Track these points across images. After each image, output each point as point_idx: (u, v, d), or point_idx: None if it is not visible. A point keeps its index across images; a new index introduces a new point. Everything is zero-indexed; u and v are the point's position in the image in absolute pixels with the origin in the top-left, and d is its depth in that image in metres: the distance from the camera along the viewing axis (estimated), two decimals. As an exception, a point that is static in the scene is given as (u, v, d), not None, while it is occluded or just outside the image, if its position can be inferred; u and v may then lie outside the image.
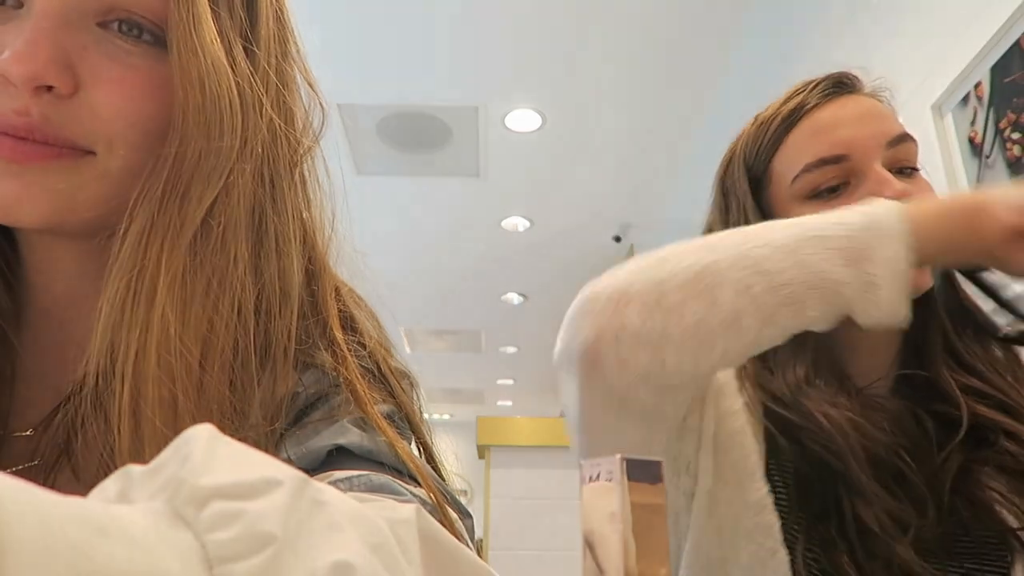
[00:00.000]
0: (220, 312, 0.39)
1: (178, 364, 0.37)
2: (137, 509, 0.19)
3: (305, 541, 0.20)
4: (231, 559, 0.18)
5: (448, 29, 2.53)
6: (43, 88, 0.38)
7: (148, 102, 0.41)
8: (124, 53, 0.41)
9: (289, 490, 0.21)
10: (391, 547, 0.23)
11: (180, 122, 0.40)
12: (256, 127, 0.43)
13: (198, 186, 0.40)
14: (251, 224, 0.42)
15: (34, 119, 0.38)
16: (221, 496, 0.19)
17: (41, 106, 0.38)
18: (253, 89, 0.43)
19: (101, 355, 0.38)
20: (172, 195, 0.39)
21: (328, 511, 0.21)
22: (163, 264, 0.38)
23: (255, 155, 0.43)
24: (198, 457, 0.20)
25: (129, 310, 0.37)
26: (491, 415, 6.99)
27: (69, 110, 0.39)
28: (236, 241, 0.41)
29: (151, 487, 0.20)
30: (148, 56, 0.41)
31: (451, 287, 4.91)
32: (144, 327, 0.37)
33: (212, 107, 0.40)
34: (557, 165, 3.31)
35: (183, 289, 0.38)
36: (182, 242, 0.39)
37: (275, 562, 0.19)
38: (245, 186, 0.42)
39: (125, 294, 0.38)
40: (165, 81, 0.41)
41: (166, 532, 0.18)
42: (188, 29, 0.40)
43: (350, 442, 0.40)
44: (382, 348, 0.49)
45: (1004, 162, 1.41)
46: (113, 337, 0.38)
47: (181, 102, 0.40)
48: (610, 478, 0.26)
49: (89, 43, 0.40)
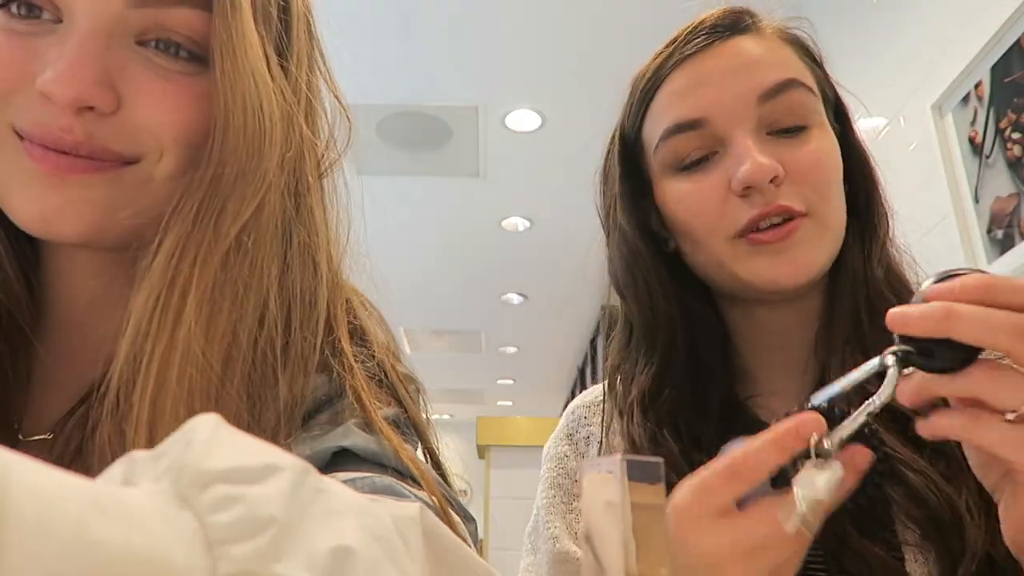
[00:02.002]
0: (245, 326, 0.39)
1: (199, 380, 0.37)
2: (139, 490, 0.19)
3: (305, 526, 0.20)
4: (231, 541, 0.18)
5: (448, 29, 2.53)
6: (85, 108, 0.38)
7: (189, 113, 0.41)
8: (164, 70, 0.41)
9: (291, 476, 0.21)
10: (394, 541, 0.23)
11: (221, 140, 0.40)
12: (290, 143, 0.43)
13: (235, 204, 0.40)
14: (279, 237, 0.43)
15: (78, 135, 0.39)
16: (223, 480, 0.19)
17: (84, 124, 0.39)
18: (290, 105, 0.44)
19: (125, 364, 0.38)
20: (209, 212, 0.39)
21: (329, 499, 0.22)
22: (194, 279, 0.38)
23: (288, 172, 0.43)
24: (202, 443, 0.20)
25: (156, 323, 0.38)
26: (491, 415, 7.00)
27: (113, 126, 0.40)
28: (265, 255, 0.41)
29: (155, 471, 0.20)
30: (190, 72, 0.42)
31: (451, 287, 4.91)
32: (169, 342, 0.37)
33: (254, 128, 0.41)
34: (557, 165, 3.31)
35: (211, 305, 0.38)
36: (215, 258, 0.39)
37: (275, 544, 0.19)
38: (276, 201, 0.42)
39: (154, 307, 0.38)
40: (204, 93, 0.41)
41: (167, 513, 0.18)
42: (232, 48, 0.40)
43: (355, 444, 0.40)
44: (390, 354, 0.49)
45: (1004, 162, 1.41)
46: (138, 349, 0.38)
47: (223, 120, 0.40)
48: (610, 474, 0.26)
49: (128, 60, 0.40)
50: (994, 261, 1.44)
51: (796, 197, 0.59)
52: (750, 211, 0.59)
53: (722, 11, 0.65)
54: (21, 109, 0.39)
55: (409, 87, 2.83)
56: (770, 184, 0.58)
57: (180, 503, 0.19)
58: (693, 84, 0.63)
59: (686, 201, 0.63)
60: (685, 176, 0.63)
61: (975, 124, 1.50)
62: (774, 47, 0.64)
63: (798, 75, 0.62)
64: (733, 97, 0.61)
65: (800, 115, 0.61)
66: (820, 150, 0.61)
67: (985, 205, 1.47)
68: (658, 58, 0.66)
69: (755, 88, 0.60)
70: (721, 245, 0.61)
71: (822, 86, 0.66)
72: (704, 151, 0.62)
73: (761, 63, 0.62)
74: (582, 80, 2.69)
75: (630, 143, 0.69)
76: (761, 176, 0.58)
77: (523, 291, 5.00)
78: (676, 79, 0.64)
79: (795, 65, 0.64)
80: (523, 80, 2.78)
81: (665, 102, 0.64)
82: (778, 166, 0.58)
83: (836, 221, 0.62)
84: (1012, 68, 1.40)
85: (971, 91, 1.51)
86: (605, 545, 0.25)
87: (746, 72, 0.61)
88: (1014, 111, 1.39)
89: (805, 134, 0.61)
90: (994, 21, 1.42)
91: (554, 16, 2.45)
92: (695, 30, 0.65)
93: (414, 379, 0.50)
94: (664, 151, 0.64)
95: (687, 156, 0.63)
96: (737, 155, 0.59)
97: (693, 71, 0.63)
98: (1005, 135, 1.41)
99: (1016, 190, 1.38)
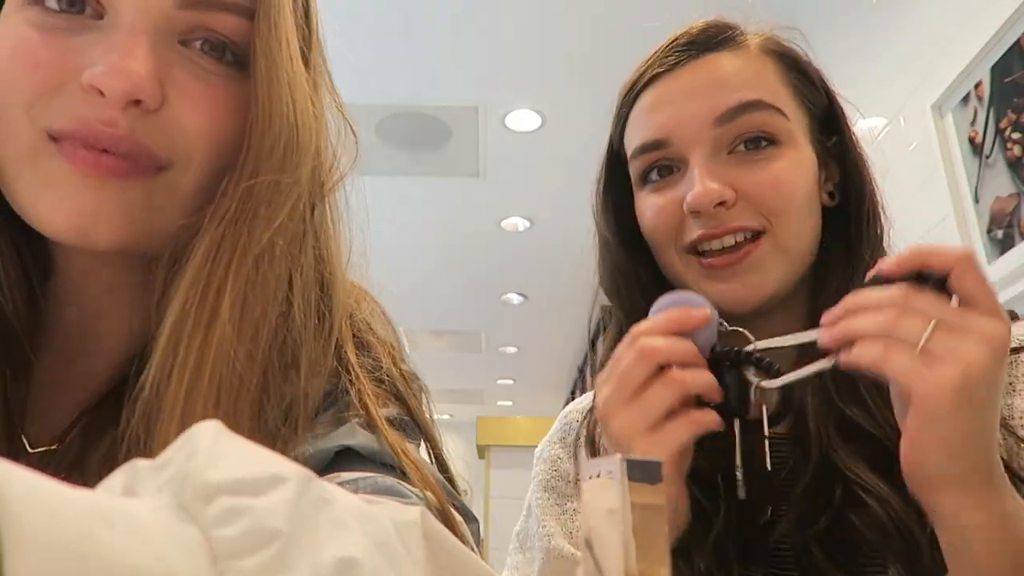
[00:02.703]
0: (270, 327, 0.40)
1: (228, 378, 0.37)
2: (144, 503, 0.19)
3: (310, 537, 0.20)
4: (237, 555, 0.18)
5: (448, 29, 2.53)
6: (133, 102, 0.38)
7: (228, 121, 0.41)
8: (205, 72, 0.41)
9: (295, 487, 0.21)
10: (395, 546, 0.23)
11: (258, 148, 0.40)
12: (319, 153, 0.44)
13: (270, 209, 0.40)
14: (302, 243, 0.43)
15: (121, 130, 0.38)
16: (227, 492, 0.19)
17: (129, 119, 0.38)
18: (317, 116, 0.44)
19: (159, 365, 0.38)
20: (244, 216, 0.40)
21: (333, 508, 0.21)
22: (229, 280, 0.39)
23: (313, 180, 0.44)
24: (204, 452, 0.20)
25: (192, 322, 0.38)
26: (491, 415, 7.01)
27: (155, 124, 0.39)
28: (291, 260, 0.42)
29: (157, 481, 0.20)
30: (228, 76, 0.42)
31: (451, 287, 4.91)
32: (204, 341, 0.37)
33: (290, 137, 0.41)
34: (557, 165, 3.31)
35: (243, 306, 0.39)
36: (248, 260, 0.39)
37: (280, 558, 0.19)
38: (301, 206, 0.43)
39: (192, 307, 0.38)
40: (244, 102, 0.41)
41: (172, 527, 0.18)
42: (274, 56, 0.41)
43: (358, 443, 0.40)
44: (394, 353, 0.50)
45: (1004, 162, 1.41)
46: (172, 349, 0.38)
47: (261, 127, 0.40)
48: (610, 477, 0.26)
49: (174, 60, 0.40)
50: (994, 261, 1.44)
51: (752, 216, 0.61)
52: (697, 231, 0.61)
53: (703, 25, 0.66)
54: (60, 109, 0.38)
55: (409, 87, 2.83)
56: (719, 207, 0.60)
57: (184, 516, 0.19)
58: (658, 103, 0.65)
59: (647, 214, 0.65)
60: (652, 189, 0.65)
61: (975, 124, 1.50)
62: (749, 64, 0.64)
63: (765, 94, 0.62)
64: (690, 118, 0.62)
65: (765, 131, 0.62)
66: (781, 169, 0.61)
67: (985, 205, 1.47)
68: (637, 72, 0.68)
69: (712, 111, 0.61)
70: (675, 257, 0.64)
71: (805, 100, 0.66)
72: (671, 166, 0.64)
73: (726, 84, 0.62)
74: (582, 80, 2.69)
75: (616, 151, 0.71)
76: (707, 202, 0.59)
77: (523, 291, 5.00)
78: (646, 96, 0.66)
79: (767, 82, 0.64)
80: (523, 80, 2.78)
81: (635, 120, 0.67)
82: (726, 191, 0.60)
83: (796, 242, 0.62)
84: (1012, 68, 1.40)
85: (971, 91, 1.51)
86: (605, 547, 0.25)
87: (706, 94, 0.62)
88: (1014, 111, 1.39)
89: (770, 151, 0.62)
90: (994, 21, 1.42)
91: (554, 16, 2.44)
92: (669, 48, 0.66)
93: (417, 377, 0.51)
94: (634, 166, 0.67)
95: (654, 172, 0.65)
96: (690, 178, 0.61)
97: (660, 90, 0.65)
98: (1005, 135, 1.41)
99: (1016, 190, 1.38)
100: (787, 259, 0.62)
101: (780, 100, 0.63)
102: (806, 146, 0.64)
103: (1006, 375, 0.59)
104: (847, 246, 0.65)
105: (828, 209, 0.66)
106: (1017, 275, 1.37)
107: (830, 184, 0.67)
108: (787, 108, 0.63)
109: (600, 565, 0.24)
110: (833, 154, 0.67)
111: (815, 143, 0.65)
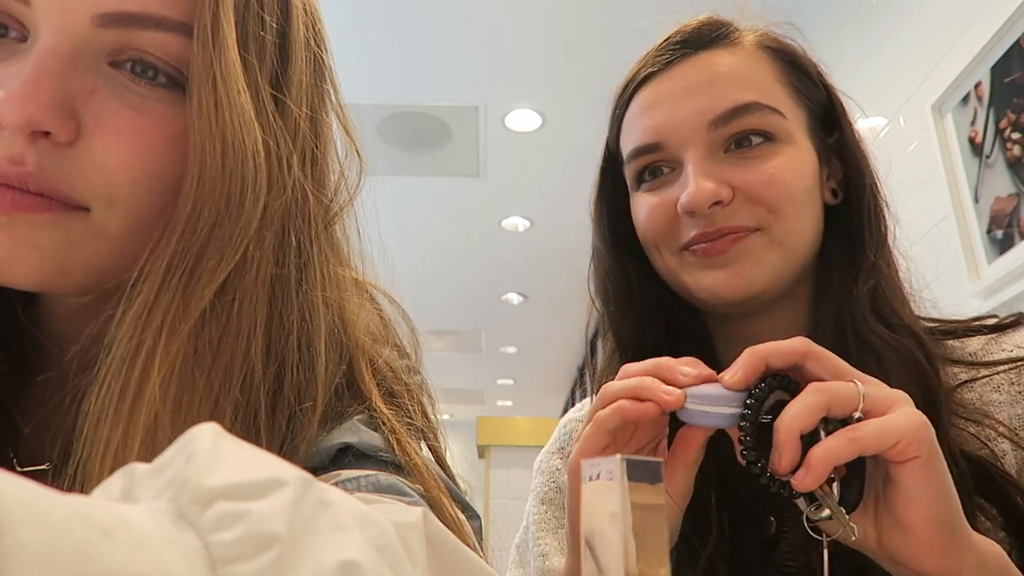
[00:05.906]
0: (227, 401, 0.35)
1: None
2: (141, 509, 0.19)
3: (310, 541, 0.20)
4: (235, 560, 0.18)
5: (448, 29, 2.53)
6: (40, 134, 0.34)
7: (159, 155, 0.36)
8: (137, 98, 0.37)
9: (294, 490, 0.20)
10: (397, 549, 0.22)
11: (195, 183, 0.35)
12: (281, 190, 0.38)
13: (211, 260, 0.35)
14: (271, 298, 0.38)
15: (29, 168, 0.34)
16: (225, 496, 0.19)
17: (37, 154, 0.34)
18: (281, 146, 0.39)
19: (84, 444, 0.34)
20: (177, 270, 0.35)
21: (334, 511, 0.21)
22: (158, 355, 0.34)
23: (279, 221, 0.38)
24: (202, 456, 0.20)
25: (112, 409, 0.33)
26: (491, 415, 7.00)
27: (68, 159, 0.35)
28: (251, 320, 0.36)
29: (155, 486, 0.20)
30: (164, 101, 0.37)
31: (451, 287, 4.90)
32: (127, 428, 0.33)
33: (234, 170, 0.36)
34: (557, 165, 3.31)
35: (180, 384, 0.34)
36: (184, 326, 0.34)
37: (280, 562, 0.19)
38: (265, 257, 0.37)
39: (113, 388, 0.34)
40: (182, 131, 0.37)
41: (170, 533, 0.18)
42: (212, 76, 0.36)
43: (360, 441, 0.39)
44: (398, 351, 0.49)
45: (1004, 162, 1.41)
46: (92, 431, 0.34)
47: (198, 161, 0.35)
48: (610, 477, 0.26)
49: (98, 86, 0.36)
50: (994, 261, 1.44)
51: (748, 215, 0.60)
52: (692, 231, 0.61)
53: (697, 23, 0.65)
54: None
55: (409, 87, 2.83)
56: (714, 207, 0.59)
57: (182, 522, 0.19)
58: (651, 104, 0.64)
59: (641, 214, 0.65)
60: (648, 190, 0.65)
61: (975, 124, 1.50)
62: (745, 61, 0.63)
63: (760, 95, 0.61)
64: (684, 121, 0.61)
65: (760, 129, 0.61)
66: (778, 165, 0.60)
67: (985, 205, 1.47)
68: (631, 72, 0.67)
69: (706, 112, 0.61)
70: (670, 257, 0.63)
71: (802, 96, 0.65)
72: (666, 167, 0.64)
73: (721, 83, 0.61)
74: (582, 80, 2.69)
75: (612, 154, 0.70)
76: (701, 202, 0.59)
77: (523, 291, 5.00)
78: (640, 97, 0.65)
79: (762, 81, 0.62)
80: (523, 80, 2.78)
81: (629, 121, 0.66)
82: (721, 190, 0.59)
83: (793, 239, 0.61)
84: (1012, 68, 1.40)
85: (971, 91, 1.51)
86: (605, 548, 0.25)
87: (699, 95, 0.61)
88: (1014, 111, 1.39)
89: (766, 148, 0.61)
90: (994, 21, 1.42)
91: (554, 16, 2.44)
92: (663, 46, 0.65)
93: (419, 373, 0.50)
94: (630, 169, 0.66)
95: (649, 173, 0.65)
96: (684, 179, 0.61)
97: (653, 91, 0.64)
98: (1005, 135, 1.41)
99: (1016, 190, 1.38)
100: (783, 254, 0.60)
101: (776, 99, 0.62)
102: (805, 143, 0.63)
103: (1012, 385, 0.58)
104: (850, 244, 0.64)
105: (832, 208, 0.65)
106: (1017, 275, 1.37)
107: (832, 181, 0.66)
108: (784, 106, 0.62)
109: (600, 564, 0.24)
110: (835, 150, 0.66)
111: (815, 140, 0.64)
